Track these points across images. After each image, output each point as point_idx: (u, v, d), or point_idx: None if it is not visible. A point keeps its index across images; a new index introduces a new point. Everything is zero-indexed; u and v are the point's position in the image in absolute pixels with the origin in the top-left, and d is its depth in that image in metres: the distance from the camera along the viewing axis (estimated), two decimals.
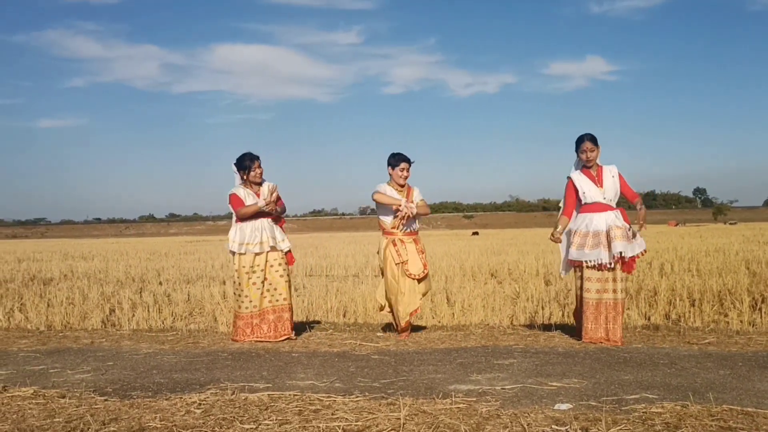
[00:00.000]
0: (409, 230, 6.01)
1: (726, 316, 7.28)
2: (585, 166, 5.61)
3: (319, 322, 7.15)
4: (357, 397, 3.80)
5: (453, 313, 8.04)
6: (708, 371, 4.30)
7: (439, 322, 7.56)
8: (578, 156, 5.64)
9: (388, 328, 6.41)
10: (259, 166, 5.93)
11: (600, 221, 5.43)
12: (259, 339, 5.79)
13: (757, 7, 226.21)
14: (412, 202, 5.97)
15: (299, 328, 6.70)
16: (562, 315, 7.91)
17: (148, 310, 8.61)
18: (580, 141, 5.59)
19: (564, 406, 3.53)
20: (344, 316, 7.98)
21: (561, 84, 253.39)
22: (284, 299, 5.89)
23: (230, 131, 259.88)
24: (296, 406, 3.61)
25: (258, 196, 5.92)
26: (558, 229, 5.60)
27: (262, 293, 5.84)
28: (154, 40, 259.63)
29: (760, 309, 7.46)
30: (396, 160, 6.00)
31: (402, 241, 5.95)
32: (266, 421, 3.36)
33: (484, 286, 10.23)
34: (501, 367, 4.52)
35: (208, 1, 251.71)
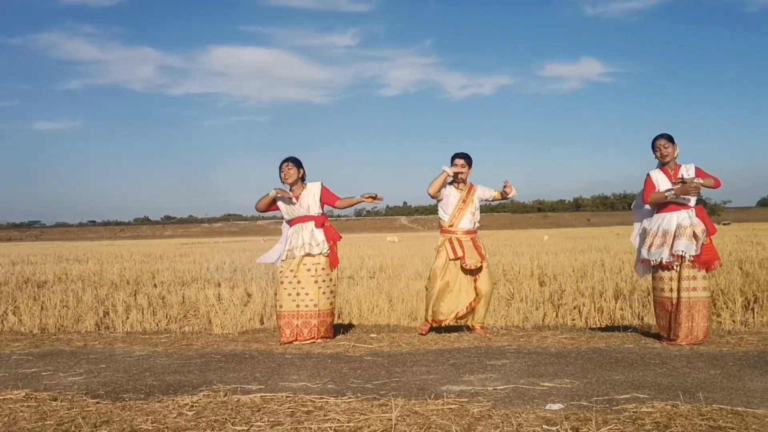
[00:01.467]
0: (466, 229, 6.00)
1: (719, 316, 7.32)
2: (662, 165, 5.57)
3: None
4: (349, 398, 3.80)
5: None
6: (699, 371, 4.31)
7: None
8: (654, 155, 5.59)
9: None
10: (290, 168, 5.96)
11: (671, 220, 5.43)
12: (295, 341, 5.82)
13: (752, 9, 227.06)
14: (471, 201, 6.01)
15: None
16: (556, 316, 7.94)
17: (143, 313, 8.60)
18: (654, 140, 5.56)
19: (555, 406, 3.54)
20: (339, 317, 7.99)
21: (556, 86, 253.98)
22: (314, 305, 5.82)
23: (227, 133, 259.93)
24: (288, 408, 3.62)
25: (296, 199, 5.95)
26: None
27: (292, 297, 5.86)
28: (151, 42, 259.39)
29: (752, 309, 7.51)
30: (453, 157, 6.03)
31: (459, 240, 5.96)
32: (258, 423, 3.37)
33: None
34: (493, 368, 4.54)
35: (205, 4, 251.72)
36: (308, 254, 5.85)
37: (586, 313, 7.92)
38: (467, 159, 6.04)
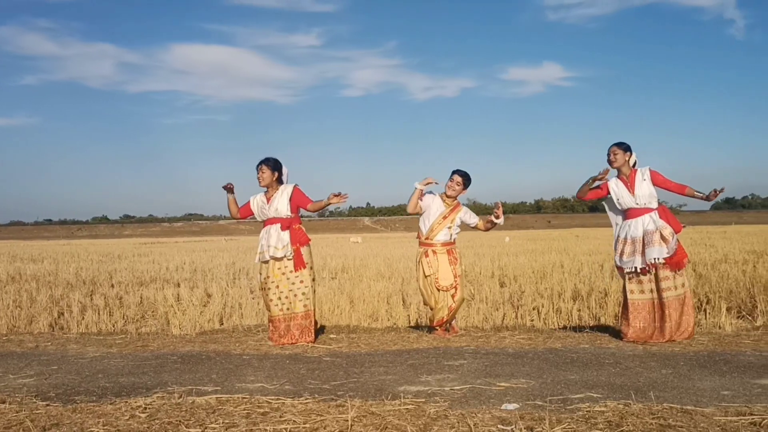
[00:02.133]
0: (443, 242, 6.08)
1: None
2: (618, 173, 5.71)
3: None
4: (306, 399, 3.78)
5: (409, 315, 8.08)
6: (651, 370, 4.40)
7: (395, 323, 7.59)
8: (607, 161, 5.70)
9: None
10: (264, 170, 5.91)
11: (637, 227, 5.57)
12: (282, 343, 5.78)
13: (707, 17, 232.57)
14: (452, 219, 6.09)
15: (252, 331, 6.65)
16: (516, 316, 8.02)
17: (98, 313, 8.45)
18: (609, 148, 5.69)
19: (511, 406, 3.57)
20: None
21: (519, 89, 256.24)
22: (293, 306, 5.81)
23: (188, 132, 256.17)
24: (244, 409, 3.58)
25: (269, 201, 5.92)
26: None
27: (273, 302, 5.83)
28: (111, 38, 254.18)
29: (704, 310, 7.68)
30: (452, 172, 6.15)
31: (435, 252, 6.06)
32: (213, 425, 3.33)
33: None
34: (451, 368, 4.56)
35: (166, 1, 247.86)
36: (273, 257, 5.81)
37: (545, 313, 8.01)
38: (465, 178, 6.13)
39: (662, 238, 5.47)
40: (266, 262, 5.85)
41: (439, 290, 6.03)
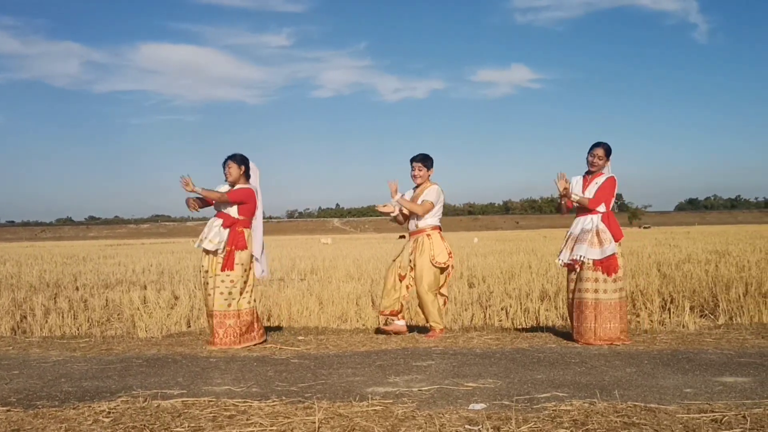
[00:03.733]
0: (410, 230, 6.18)
1: (638, 316, 7.57)
2: (588, 172, 5.73)
3: None
4: (273, 401, 3.76)
5: (378, 316, 8.07)
6: (616, 369, 4.46)
7: (364, 325, 7.58)
8: (586, 158, 5.72)
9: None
10: (231, 166, 5.85)
11: (577, 225, 5.66)
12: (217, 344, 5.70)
13: (672, 22, 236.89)
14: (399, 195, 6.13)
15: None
16: (484, 317, 8.06)
17: (62, 317, 8.28)
18: (593, 146, 5.68)
19: (478, 406, 3.59)
20: (268, 320, 7.90)
21: (488, 91, 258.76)
22: (218, 305, 5.68)
23: (155, 132, 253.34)
24: (210, 413, 3.55)
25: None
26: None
27: (209, 295, 5.75)
28: (77, 37, 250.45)
29: (668, 309, 7.81)
30: (411, 161, 6.14)
31: (410, 241, 6.17)
32: (178, 429, 3.29)
33: (410, 289, 10.27)
34: (419, 369, 4.57)
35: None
36: (204, 248, 5.76)
37: (513, 314, 8.07)
38: (423, 161, 6.13)
39: (598, 240, 5.49)
40: (207, 253, 5.76)
41: (393, 276, 6.07)
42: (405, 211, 6.17)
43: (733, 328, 6.22)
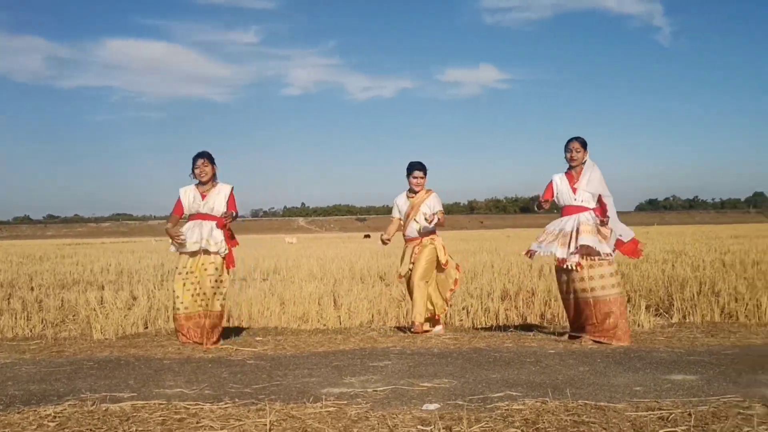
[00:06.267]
0: (409, 237, 6.31)
1: None
2: (569, 168, 5.68)
3: None
4: (226, 403, 3.71)
5: (339, 316, 8.04)
6: (569, 368, 4.51)
7: (324, 325, 7.55)
8: (565, 156, 5.69)
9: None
10: (206, 165, 5.78)
11: (570, 223, 5.54)
12: (194, 342, 5.68)
13: (637, 24, 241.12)
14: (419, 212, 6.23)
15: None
16: (445, 316, 8.09)
17: (15, 318, 8.08)
18: (568, 141, 5.65)
19: (432, 406, 3.59)
20: (228, 321, 7.82)
21: (456, 90, 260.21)
22: (210, 304, 5.75)
23: (120, 129, 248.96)
24: (160, 416, 3.48)
25: (204, 197, 5.80)
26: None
27: (193, 296, 5.69)
28: (40, 31, 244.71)
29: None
30: (410, 168, 6.23)
31: (410, 246, 6.30)
32: None
33: (372, 289, 10.29)
34: (375, 369, 4.56)
35: None
36: (205, 251, 5.69)
37: (474, 313, 8.12)
38: (422, 170, 6.27)
39: (601, 235, 5.43)
40: (194, 254, 5.70)
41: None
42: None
43: (685, 327, 6.35)
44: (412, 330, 6.08)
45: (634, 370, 4.41)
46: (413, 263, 6.17)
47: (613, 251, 5.53)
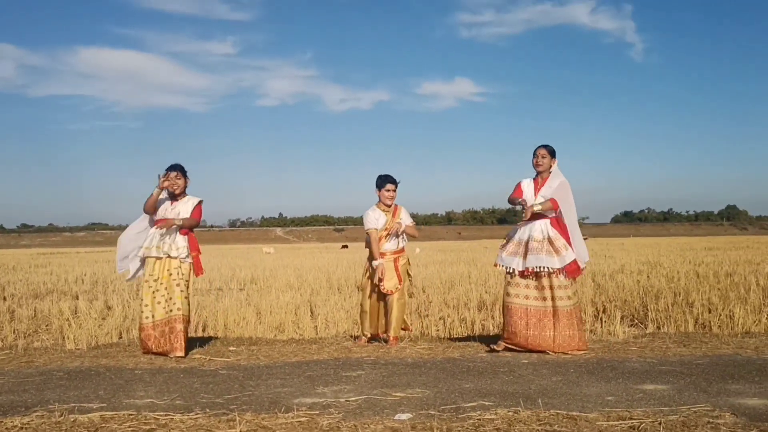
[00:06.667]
0: (391, 250, 6.22)
1: None
2: (537, 175, 5.72)
3: None
4: (197, 414, 3.67)
5: (316, 326, 8.01)
6: (542, 378, 4.53)
7: (301, 335, 7.50)
8: (532, 162, 5.73)
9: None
10: (179, 178, 5.84)
11: (525, 230, 5.58)
12: (157, 352, 5.61)
13: (609, 40, 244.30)
14: (399, 221, 6.20)
15: None
16: (421, 326, 8.09)
17: None
18: (536, 148, 5.71)
19: (404, 416, 3.58)
20: (203, 330, 7.74)
21: (432, 103, 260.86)
22: (177, 309, 5.68)
23: (94, 138, 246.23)
24: (129, 427, 3.44)
25: (173, 204, 5.87)
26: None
27: (162, 305, 5.66)
28: (11, 39, 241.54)
29: (600, 318, 7.98)
30: (382, 181, 6.18)
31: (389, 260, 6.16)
32: None
33: (349, 299, 10.27)
34: (348, 379, 4.54)
35: (73, 2, 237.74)
36: (168, 256, 5.67)
37: (450, 323, 8.12)
38: (395, 183, 6.24)
39: (553, 248, 5.48)
40: (159, 259, 5.69)
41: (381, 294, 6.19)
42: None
43: (659, 337, 6.39)
44: (388, 344, 6.06)
45: (607, 380, 4.44)
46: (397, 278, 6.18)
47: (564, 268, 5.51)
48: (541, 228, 5.57)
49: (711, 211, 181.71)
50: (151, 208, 5.88)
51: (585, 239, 6.04)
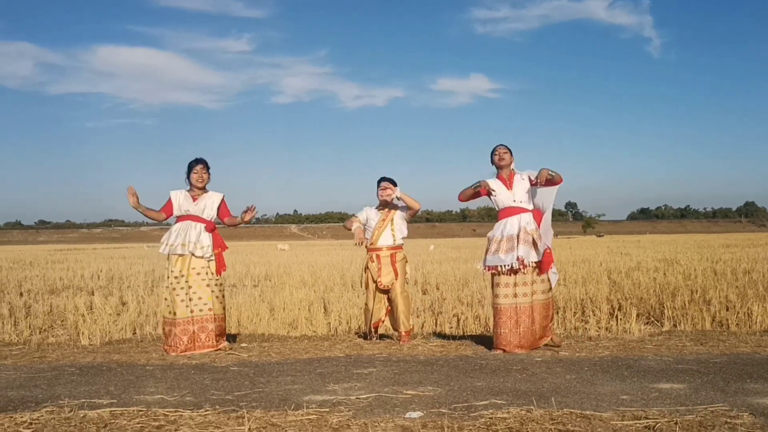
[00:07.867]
0: (386, 245, 6.22)
1: (586, 322, 7.65)
2: (498, 173, 5.71)
3: None
4: (206, 410, 3.65)
5: (329, 323, 7.99)
6: (556, 376, 4.46)
7: (314, 331, 7.49)
8: (492, 162, 5.74)
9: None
10: (205, 172, 5.86)
11: (513, 225, 5.52)
12: (183, 351, 5.58)
13: (626, 36, 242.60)
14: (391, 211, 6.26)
15: (161, 339, 6.42)
16: (435, 324, 8.05)
17: (2, 323, 8.01)
18: (495, 148, 5.72)
19: (415, 414, 3.54)
20: None
21: (447, 100, 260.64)
22: (209, 309, 5.67)
23: (111, 135, 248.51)
24: (138, 423, 3.42)
25: (195, 200, 5.82)
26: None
27: (183, 300, 5.62)
28: (31, 37, 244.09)
29: (615, 316, 7.90)
30: (379, 181, 6.31)
31: (379, 256, 6.21)
32: None
33: (362, 296, 10.22)
34: (359, 377, 4.50)
35: (91, 1, 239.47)
36: (192, 254, 5.65)
37: (464, 320, 8.07)
38: (391, 182, 6.28)
39: (534, 242, 5.45)
40: (182, 255, 5.67)
41: (380, 290, 6.19)
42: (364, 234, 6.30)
43: (675, 335, 6.30)
44: (400, 341, 6.02)
45: (622, 379, 4.37)
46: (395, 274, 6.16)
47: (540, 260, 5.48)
48: (527, 221, 5.53)
49: (729, 207, 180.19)
50: (156, 217, 5.85)
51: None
